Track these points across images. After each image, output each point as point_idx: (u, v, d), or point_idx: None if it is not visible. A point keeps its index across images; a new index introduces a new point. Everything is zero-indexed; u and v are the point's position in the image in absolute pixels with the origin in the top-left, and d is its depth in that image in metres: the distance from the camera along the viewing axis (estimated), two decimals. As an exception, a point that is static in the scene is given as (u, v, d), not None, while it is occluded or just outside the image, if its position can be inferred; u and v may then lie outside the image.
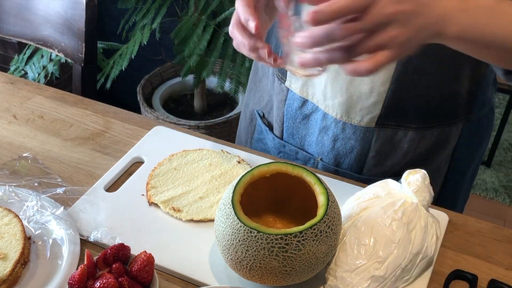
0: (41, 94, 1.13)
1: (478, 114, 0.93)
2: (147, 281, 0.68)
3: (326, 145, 0.94)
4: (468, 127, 0.93)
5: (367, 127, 0.89)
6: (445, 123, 0.90)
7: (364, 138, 0.90)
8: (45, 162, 0.94)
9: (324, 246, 0.66)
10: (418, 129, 0.89)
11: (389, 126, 0.89)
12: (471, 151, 0.98)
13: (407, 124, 0.88)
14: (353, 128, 0.90)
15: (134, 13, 2.11)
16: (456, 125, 0.91)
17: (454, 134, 0.92)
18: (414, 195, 0.73)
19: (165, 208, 0.83)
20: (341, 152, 0.93)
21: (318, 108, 0.92)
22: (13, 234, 0.76)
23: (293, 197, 0.77)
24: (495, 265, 0.76)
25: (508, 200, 2.48)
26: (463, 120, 0.91)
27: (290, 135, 0.99)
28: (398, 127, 0.89)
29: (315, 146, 0.96)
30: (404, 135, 0.89)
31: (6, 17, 1.44)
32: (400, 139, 0.90)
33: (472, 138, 0.95)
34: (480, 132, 0.97)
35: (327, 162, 0.95)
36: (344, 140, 0.92)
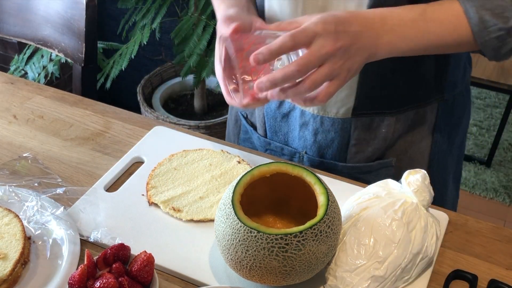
0: (41, 94, 1.13)
1: (452, 93, 0.95)
2: (147, 281, 0.68)
3: (308, 139, 0.97)
4: (443, 106, 0.95)
5: (344, 119, 0.92)
6: (418, 105, 0.93)
7: (342, 129, 0.94)
8: (45, 162, 0.94)
9: (324, 246, 0.66)
10: (393, 113, 0.92)
11: (365, 114, 0.92)
12: (451, 131, 1.00)
13: (381, 110, 0.92)
14: (331, 121, 0.93)
15: (134, 13, 2.11)
16: (430, 105, 0.94)
17: (430, 114, 0.95)
18: (414, 195, 0.73)
19: (165, 208, 0.83)
20: (323, 144, 0.97)
21: (295, 106, 0.96)
22: (13, 234, 0.76)
23: (293, 197, 0.77)
24: (495, 265, 0.76)
25: (508, 200, 2.48)
26: (436, 101, 0.94)
27: (274, 133, 1.02)
28: (373, 114, 0.92)
29: (298, 141, 0.99)
30: (380, 121, 0.92)
31: (6, 17, 1.44)
32: (377, 125, 0.93)
33: (450, 117, 0.98)
34: (457, 111, 0.99)
35: (311, 155, 0.99)
36: (324, 133, 0.95)
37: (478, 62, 2.37)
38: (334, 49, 0.69)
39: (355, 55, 0.71)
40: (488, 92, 3.17)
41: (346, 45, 0.70)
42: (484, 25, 0.74)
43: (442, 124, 0.97)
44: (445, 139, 1.00)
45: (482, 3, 0.74)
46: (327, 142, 0.96)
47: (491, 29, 0.74)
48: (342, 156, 0.96)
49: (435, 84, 0.92)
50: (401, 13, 0.76)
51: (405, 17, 0.75)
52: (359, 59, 0.72)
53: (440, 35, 0.76)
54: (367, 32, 0.72)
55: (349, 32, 0.71)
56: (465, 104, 1.01)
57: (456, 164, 1.07)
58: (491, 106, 3.09)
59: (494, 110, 3.06)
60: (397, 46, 0.75)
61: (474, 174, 2.62)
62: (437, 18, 0.76)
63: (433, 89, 0.93)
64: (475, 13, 0.74)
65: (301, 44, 0.69)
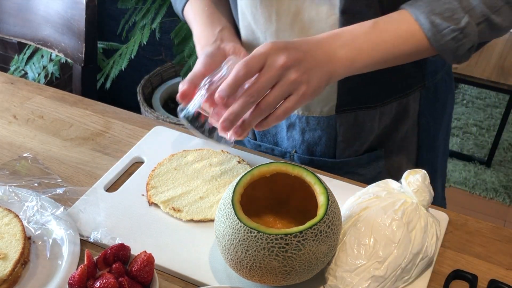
0: (41, 94, 1.13)
1: (433, 80, 0.97)
2: (147, 281, 0.68)
3: (297, 139, 0.99)
4: (426, 94, 0.97)
5: (328, 116, 0.94)
6: (400, 96, 0.94)
7: (328, 126, 0.95)
8: (45, 162, 0.94)
9: (324, 246, 0.66)
10: (377, 107, 0.93)
11: (348, 110, 0.93)
12: (437, 116, 1.02)
13: (364, 105, 0.93)
14: (316, 120, 0.95)
15: (134, 13, 2.11)
16: (412, 94, 0.95)
17: (413, 103, 0.96)
18: (414, 195, 0.73)
19: (165, 208, 0.83)
20: (311, 143, 0.98)
21: None
22: (13, 234, 0.76)
23: (293, 197, 0.77)
24: (495, 265, 0.76)
25: (508, 200, 2.48)
26: (418, 89, 0.95)
27: (263, 136, 1.04)
28: (357, 109, 0.93)
29: (287, 141, 1.01)
30: (365, 116, 0.94)
31: (6, 17, 1.44)
32: (362, 120, 0.94)
33: (433, 103, 0.99)
34: (440, 96, 1.01)
35: (301, 154, 1.00)
36: (311, 132, 0.97)
37: (478, 62, 2.37)
38: (287, 61, 0.69)
39: (311, 70, 0.71)
40: (488, 92, 3.17)
41: (299, 58, 0.70)
42: (437, 29, 0.76)
43: (427, 110, 0.98)
44: (432, 124, 1.01)
45: (431, 9, 0.76)
46: (315, 140, 0.97)
47: (445, 32, 0.76)
48: (331, 152, 0.98)
49: (415, 74, 0.94)
50: (352, 28, 0.77)
51: (357, 31, 0.77)
52: (317, 74, 0.72)
53: (396, 44, 0.77)
54: (319, 50, 0.73)
55: (300, 49, 0.72)
56: (448, 89, 1.02)
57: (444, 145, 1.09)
58: (491, 106, 3.09)
59: (494, 110, 3.06)
60: (354, 60, 0.75)
61: (474, 174, 2.62)
62: (390, 28, 0.77)
63: (414, 79, 0.94)
64: (426, 19, 0.76)
65: (255, 69, 0.70)
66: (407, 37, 0.77)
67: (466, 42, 0.76)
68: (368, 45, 0.76)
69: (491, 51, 2.44)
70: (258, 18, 0.89)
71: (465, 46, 0.77)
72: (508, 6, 0.76)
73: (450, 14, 0.75)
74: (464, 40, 0.76)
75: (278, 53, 0.70)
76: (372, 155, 0.98)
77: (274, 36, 0.89)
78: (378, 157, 0.99)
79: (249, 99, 0.69)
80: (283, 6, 0.85)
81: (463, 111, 3.05)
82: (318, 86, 0.73)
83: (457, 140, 2.83)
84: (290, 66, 0.70)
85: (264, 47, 0.71)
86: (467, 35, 0.76)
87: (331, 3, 0.82)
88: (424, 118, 0.99)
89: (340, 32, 0.76)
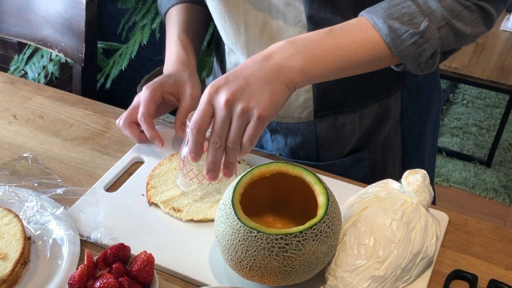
0: (41, 94, 1.13)
1: (414, 80, 0.95)
2: (147, 281, 0.68)
3: (280, 142, 1.00)
4: (408, 93, 0.96)
5: (308, 122, 0.94)
6: (380, 98, 0.93)
7: (309, 131, 0.95)
8: (45, 162, 0.94)
9: (324, 246, 0.66)
10: (355, 110, 0.93)
11: (327, 115, 0.93)
12: (421, 114, 1.00)
13: (343, 109, 0.92)
14: (296, 126, 0.96)
15: (134, 13, 2.11)
16: (393, 95, 0.94)
17: (394, 104, 0.95)
18: (414, 195, 0.73)
19: (165, 208, 0.83)
20: (294, 147, 0.99)
21: None
22: (13, 234, 0.76)
23: (293, 197, 0.77)
24: (495, 265, 0.76)
25: (508, 200, 2.48)
26: (399, 90, 0.94)
27: None
28: (336, 113, 0.93)
29: (271, 144, 1.02)
30: (344, 119, 0.93)
31: (6, 17, 1.44)
32: (342, 124, 0.94)
33: (417, 102, 0.98)
34: (424, 95, 0.99)
35: (285, 157, 1.01)
36: (292, 136, 0.97)
37: (478, 62, 2.37)
38: (229, 97, 0.70)
39: (256, 91, 0.70)
40: (488, 92, 3.17)
41: (241, 86, 0.70)
42: (395, 34, 0.73)
43: (410, 110, 0.97)
44: (416, 123, 1.00)
45: (389, 13, 0.73)
46: (297, 144, 0.98)
47: (404, 37, 0.73)
48: (314, 156, 0.98)
49: (394, 76, 0.92)
50: (306, 36, 0.75)
51: (311, 38, 0.74)
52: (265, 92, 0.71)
53: (352, 50, 0.74)
54: (266, 64, 0.72)
55: (240, 76, 0.71)
56: (432, 86, 1.01)
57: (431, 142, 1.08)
58: (491, 106, 3.09)
59: (494, 110, 3.06)
60: (307, 68, 0.73)
61: (474, 174, 2.62)
62: (346, 34, 0.75)
63: (394, 81, 0.93)
64: (383, 24, 0.73)
65: (206, 123, 0.72)
66: (364, 44, 0.74)
67: (428, 47, 0.74)
68: (323, 52, 0.74)
69: (491, 51, 2.44)
70: (227, 30, 0.90)
71: (427, 52, 0.74)
72: (467, 11, 0.74)
73: (409, 18, 0.73)
74: (426, 46, 0.73)
75: (218, 94, 0.71)
76: (356, 157, 0.98)
77: (245, 47, 0.90)
78: (362, 158, 0.98)
79: (216, 146, 0.72)
80: (250, 17, 0.86)
81: (463, 111, 3.05)
82: (272, 102, 0.71)
83: (457, 140, 2.83)
84: (234, 99, 0.70)
85: (205, 94, 0.72)
86: (428, 40, 0.73)
87: (297, 10, 0.82)
88: (408, 117, 0.98)
89: (293, 40, 0.74)
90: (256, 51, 0.88)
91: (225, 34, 0.92)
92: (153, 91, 0.91)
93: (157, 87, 0.91)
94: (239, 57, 0.95)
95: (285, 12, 0.83)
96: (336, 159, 0.98)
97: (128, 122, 0.92)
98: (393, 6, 0.74)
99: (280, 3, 0.83)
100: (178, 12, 1.02)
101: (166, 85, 0.92)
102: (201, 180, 0.83)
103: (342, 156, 0.98)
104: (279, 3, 0.83)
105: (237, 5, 0.86)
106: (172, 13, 1.02)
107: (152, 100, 0.90)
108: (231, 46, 0.94)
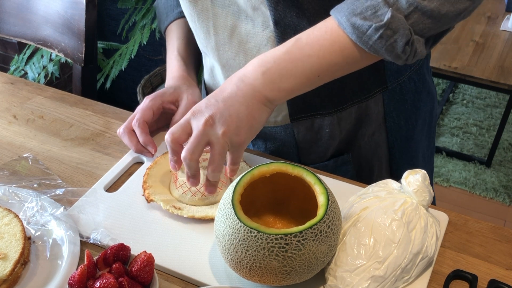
0: (41, 94, 1.13)
1: (396, 82, 0.93)
2: (147, 281, 0.68)
3: (261, 146, 1.00)
4: (390, 95, 0.93)
5: (284, 125, 0.94)
6: (358, 100, 0.92)
7: (286, 134, 0.95)
8: (45, 162, 0.94)
9: (324, 246, 0.66)
10: (332, 113, 0.91)
11: (304, 118, 0.92)
12: (408, 117, 0.98)
13: (319, 111, 0.91)
14: (273, 130, 0.95)
15: (134, 13, 2.11)
16: (372, 98, 0.92)
17: (375, 106, 0.93)
18: (414, 195, 0.73)
19: (165, 206, 0.82)
20: (274, 151, 0.99)
21: None
22: (13, 234, 0.76)
23: (293, 197, 0.77)
24: (495, 265, 0.76)
25: (508, 200, 2.48)
26: (379, 92, 0.92)
27: None
28: (312, 116, 0.92)
29: (253, 148, 1.02)
30: (321, 122, 0.92)
31: (6, 17, 1.44)
32: (320, 126, 0.93)
33: (401, 104, 0.95)
34: (409, 97, 0.96)
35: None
36: (271, 140, 0.97)
37: (478, 62, 2.37)
38: (206, 121, 0.74)
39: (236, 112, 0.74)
40: (488, 92, 3.17)
41: (219, 108, 0.74)
42: (360, 31, 0.71)
43: (394, 112, 0.95)
44: (402, 126, 0.98)
45: (352, 9, 0.71)
46: (276, 148, 0.98)
47: (369, 32, 0.70)
48: (296, 159, 0.97)
49: (373, 78, 0.90)
50: (274, 51, 0.75)
51: (279, 52, 0.75)
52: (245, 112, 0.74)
53: (321, 56, 0.73)
54: (241, 85, 0.75)
55: (220, 99, 0.75)
56: (419, 88, 0.97)
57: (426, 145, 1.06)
58: (491, 106, 3.09)
59: (494, 110, 3.06)
60: (282, 83, 0.74)
61: (474, 174, 2.62)
62: (312, 39, 0.74)
63: (373, 83, 0.91)
64: (347, 22, 0.71)
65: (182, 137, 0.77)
66: (332, 47, 0.73)
67: (398, 37, 0.70)
68: (291, 64, 0.73)
69: (491, 51, 2.44)
70: (198, 33, 0.91)
71: (399, 43, 0.70)
72: None
73: (373, 12, 0.70)
74: (395, 37, 0.70)
75: (199, 115, 0.75)
76: (339, 160, 0.96)
77: (215, 50, 0.90)
78: (345, 162, 0.96)
79: (187, 162, 0.76)
80: (219, 20, 0.86)
81: (463, 111, 3.05)
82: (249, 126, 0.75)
83: (457, 140, 2.83)
84: (212, 122, 0.74)
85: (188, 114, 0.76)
86: (396, 30, 0.69)
87: (264, 15, 0.81)
88: (392, 119, 0.95)
89: (263, 57, 0.75)
90: (226, 55, 0.89)
91: (197, 37, 0.93)
92: (152, 100, 0.93)
93: (157, 97, 0.94)
94: (212, 61, 0.95)
95: (253, 16, 0.83)
96: (318, 162, 0.96)
97: (128, 130, 0.93)
98: (357, 0, 0.71)
99: (247, 8, 0.82)
100: (177, 28, 1.04)
101: (166, 95, 0.95)
102: (194, 193, 0.83)
103: (325, 160, 0.96)
104: (247, 8, 0.82)
105: (206, 8, 0.86)
106: (172, 29, 1.05)
107: (150, 109, 0.92)
108: (203, 49, 0.94)
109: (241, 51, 0.87)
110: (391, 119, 0.96)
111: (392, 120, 0.96)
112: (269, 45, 0.84)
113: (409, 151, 1.02)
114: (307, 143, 0.94)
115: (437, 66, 2.34)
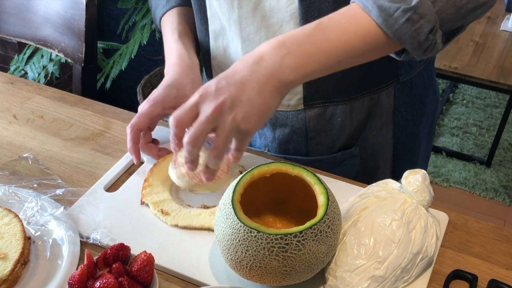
0: (41, 94, 1.13)
1: (408, 75, 0.94)
2: (147, 281, 0.68)
3: (268, 136, 0.98)
4: (400, 89, 0.94)
5: (297, 110, 0.93)
6: (371, 91, 0.92)
7: (297, 121, 0.94)
8: (45, 162, 0.94)
9: (324, 246, 0.66)
10: (346, 101, 0.91)
11: (317, 104, 0.91)
12: (414, 112, 0.98)
13: (333, 99, 0.91)
14: (285, 114, 0.94)
15: (134, 13, 2.11)
16: (385, 89, 0.92)
17: (387, 99, 0.93)
18: (414, 195, 0.73)
19: (154, 209, 0.82)
20: (283, 140, 0.97)
21: None
22: (13, 234, 0.76)
23: (293, 197, 0.77)
24: (495, 265, 0.76)
25: (508, 200, 2.48)
26: (391, 84, 0.92)
27: None
28: (325, 103, 0.91)
29: (259, 139, 1.01)
30: (334, 110, 0.92)
31: (6, 17, 1.44)
32: (331, 115, 0.92)
33: (410, 98, 0.96)
34: (417, 92, 0.97)
35: (274, 152, 1.00)
36: (281, 128, 0.96)
37: (478, 62, 2.37)
38: (216, 107, 0.68)
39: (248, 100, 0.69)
40: (488, 92, 3.17)
41: (231, 95, 0.69)
42: (387, 13, 0.69)
43: (402, 106, 0.96)
44: (409, 121, 0.98)
45: None
46: (285, 137, 0.96)
47: (396, 15, 0.68)
48: (303, 149, 0.96)
49: (387, 70, 0.90)
50: (295, 33, 0.72)
51: (300, 35, 0.71)
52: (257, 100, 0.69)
53: (344, 40, 0.71)
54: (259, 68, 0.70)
55: (232, 82, 0.69)
56: (427, 84, 0.98)
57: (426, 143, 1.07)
58: (491, 106, 3.09)
59: (494, 110, 3.06)
60: (300, 67, 0.70)
61: (474, 174, 2.62)
62: (335, 23, 0.71)
63: (386, 74, 0.91)
64: (373, 4, 0.69)
65: (187, 121, 0.71)
66: (356, 31, 0.71)
67: (424, 23, 0.68)
68: (314, 48, 0.71)
69: (491, 51, 2.44)
70: (222, 4, 0.88)
71: (424, 29, 0.69)
72: None
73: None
74: (422, 22, 0.68)
75: (207, 100, 0.69)
76: (347, 153, 0.96)
77: (237, 24, 0.88)
78: (353, 155, 0.96)
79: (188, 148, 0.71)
80: None
81: (463, 111, 3.05)
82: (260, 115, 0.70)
83: (457, 140, 2.83)
84: (221, 110, 0.69)
85: (195, 97, 0.70)
86: (423, 15, 0.68)
87: None
88: (400, 114, 0.96)
89: (283, 40, 0.71)
90: (248, 29, 0.87)
91: (220, 10, 0.90)
92: (152, 106, 0.89)
93: (158, 103, 0.90)
94: (228, 40, 0.93)
95: None
96: (325, 154, 0.96)
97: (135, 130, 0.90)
98: None
99: None
100: (174, 15, 1.00)
101: (167, 100, 0.91)
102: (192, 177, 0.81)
103: (333, 152, 0.96)
104: None
105: None
106: (167, 19, 1.01)
107: (148, 116, 0.89)
108: (225, 23, 0.91)
109: (263, 26, 0.86)
110: (399, 114, 0.96)
111: (400, 115, 0.97)
112: (292, 22, 0.83)
113: (411, 148, 1.03)
114: (317, 132, 0.94)
115: (437, 66, 2.34)
